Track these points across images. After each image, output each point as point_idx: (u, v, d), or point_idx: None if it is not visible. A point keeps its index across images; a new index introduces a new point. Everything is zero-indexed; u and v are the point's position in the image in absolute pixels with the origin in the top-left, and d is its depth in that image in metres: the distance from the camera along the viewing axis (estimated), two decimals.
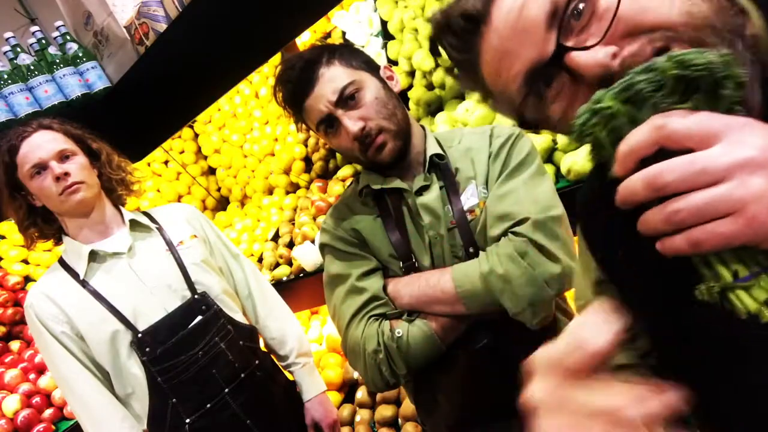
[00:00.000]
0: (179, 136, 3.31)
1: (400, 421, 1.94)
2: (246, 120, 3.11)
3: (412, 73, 2.15)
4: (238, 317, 1.66)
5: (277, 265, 2.34)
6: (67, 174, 1.44)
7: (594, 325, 0.43)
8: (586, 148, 0.49)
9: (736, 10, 0.50)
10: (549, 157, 1.60)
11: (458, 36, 0.61)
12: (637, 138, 0.41)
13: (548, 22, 0.52)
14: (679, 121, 0.40)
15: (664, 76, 0.43)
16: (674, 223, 0.40)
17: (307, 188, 2.71)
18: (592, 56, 0.50)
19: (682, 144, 0.40)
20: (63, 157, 1.47)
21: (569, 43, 0.52)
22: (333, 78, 1.09)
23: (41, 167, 1.44)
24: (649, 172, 0.40)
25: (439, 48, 0.65)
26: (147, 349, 1.46)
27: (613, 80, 0.46)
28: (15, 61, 2.17)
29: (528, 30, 0.54)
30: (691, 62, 0.42)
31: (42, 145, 1.45)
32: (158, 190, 3.25)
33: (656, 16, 0.49)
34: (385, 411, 1.98)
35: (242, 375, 1.58)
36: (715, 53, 0.42)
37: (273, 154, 3.02)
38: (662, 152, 0.41)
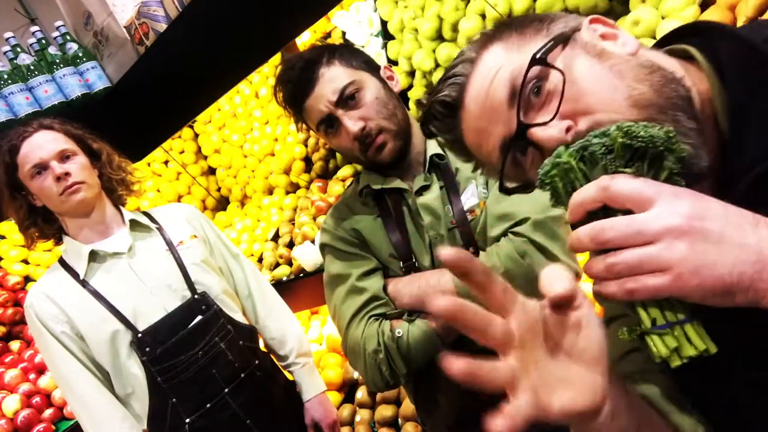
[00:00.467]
0: (179, 136, 3.30)
1: (400, 421, 1.94)
2: (246, 120, 3.11)
3: (412, 73, 2.15)
4: (238, 317, 1.66)
5: (277, 265, 2.33)
6: (67, 174, 1.44)
7: None
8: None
9: (679, 81, 0.57)
10: None
11: (441, 120, 0.69)
12: (585, 194, 0.48)
13: (509, 101, 0.60)
14: (621, 185, 0.46)
15: (613, 143, 0.49)
16: (613, 273, 0.46)
17: (307, 188, 2.71)
18: (548, 132, 0.57)
19: (623, 205, 0.46)
20: (64, 157, 1.47)
21: (529, 120, 0.59)
22: (333, 78, 1.09)
23: (42, 167, 1.44)
24: (593, 228, 0.47)
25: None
26: (147, 349, 1.46)
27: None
28: (15, 61, 2.16)
29: (494, 110, 0.61)
30: (636, 134, 0.49)
31: (43, 145, 1.45)
32: (158, 190, 3.25)
33: (600, 100, 0.55)
34: (385, 411, 1.98)
35: (242, 375, 1.58)
36: (661, 129, 0.49)
37: (273, 154, 3.02)
38: (606, 208, 0.48)
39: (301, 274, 2.15)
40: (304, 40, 2.59)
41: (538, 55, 0.58)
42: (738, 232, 0.44)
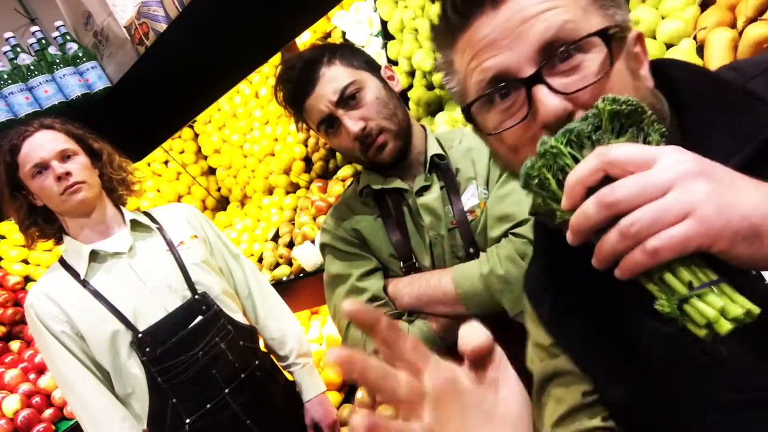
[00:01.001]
0: (179, 136, 3.30)
1: None
2: (246, 120, 3.11)
3: (412, 73, 2.15)
4: (238, 317, 1.66)
5: (277, 265, 2.33)
6: (68, 174, 1.44)
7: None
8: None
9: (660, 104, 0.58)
10: None
11: (463, 2, 0.60)
12: (582, 167, 0.45)
13: (542, 46, 0.55)
14: (621, 148, 0.44)
15: (601, 116, 0.48)
16: (630, 236, 0.41)
17: (307, 188, 2.71)
18: (553, 101, 0.54)
19: (626, 169, 0.43)
20: (64, 156, 1.47)
21: (546, 78, 0.55)
22: (334, 78, 1.09)
23: (43, 167, 1.44)
24: (599, 193, 0.43)
25: None
26: (147, 349, 1.46)
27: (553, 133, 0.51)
28: (15, 61, 2.16)
29: (525, 37, 0.55)
30: (623, 99, 0.48)
31: (43, 144, 1.45)
32: (158, 190, 3.25)
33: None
34: (385, 411, 1.98)
35: (242, 375, 1.58)
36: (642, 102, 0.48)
37: (273, 154, 3.02)
38: (607, 180, 0.44)
39: (301, 274, 2.15)
40: (304, 40, 2.59)
41: (610, 32, 0.54)
42: (744, 182, 0.42)
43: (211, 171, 3.40)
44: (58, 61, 2.21)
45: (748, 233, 0.40)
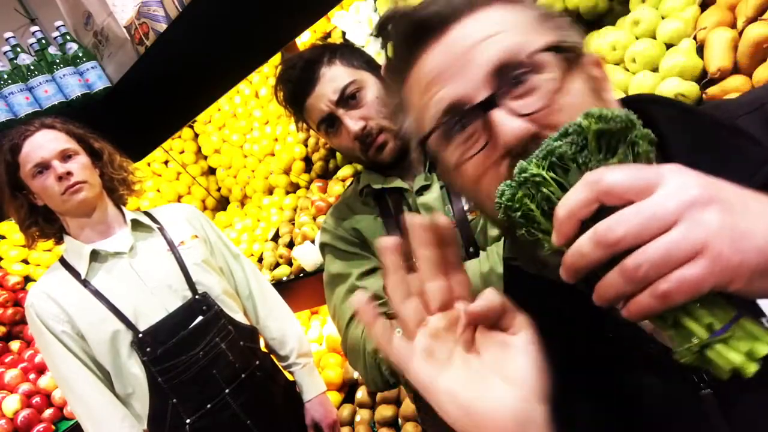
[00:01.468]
0: (179, 136, 3.30)
1: (400, 421, 1.94)
2: (246, 120, 3.11)
3: None
4: (239, 317, 1.66)
5: (277, 265, 2.33)
6: (69, 173, 1.44)
7: None
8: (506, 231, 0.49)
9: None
10: None
11: (408, 35, 0.58)
12: (574, 199, 0.39)
13: (494, 69, 0.52)
14: (615, 174, 0.38)
15: (585, 135, 0.42)
16: (637, 280, 0.37)
17: (307, 188, 2.71)
18: (513, 123, 0.50)
19: (623, 197, 0.38)
20: (65, 156, 1.47)
21: (502, 101, 0.51)
22: (334, 77, 1.09)
23: (43, 166, 1.44)
24: (597, 229, 0.38)
25: (380, 37, 0.64)
26: (147, 349, 1.46)
27: (521, 156, 0.46)
28: (15, 61, 2.17)
29: (474, 64, 0.53)
30: (611, 116, 0.42)
31: (44, 144, 1.45)
32: (158, 190, 3.25)
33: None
34: (385, 411, 1.98)
35: (242, 375, 1.58)
36: (626, 112, 0.43)
37: (273, 154, 3.02)
38: (602, 211, 0.38)
39: (301, 274, 2.15)
40: (304, 40, 2.59)
41: (562, 46, 0.51)
42: (756, 203, 0.37)
43: (211, 171, 3.40)
44: (58, 61, 2.22)
45: (767, 268, 0.35)
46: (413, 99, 0.59)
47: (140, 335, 1.46)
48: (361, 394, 2.11)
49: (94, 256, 1.51)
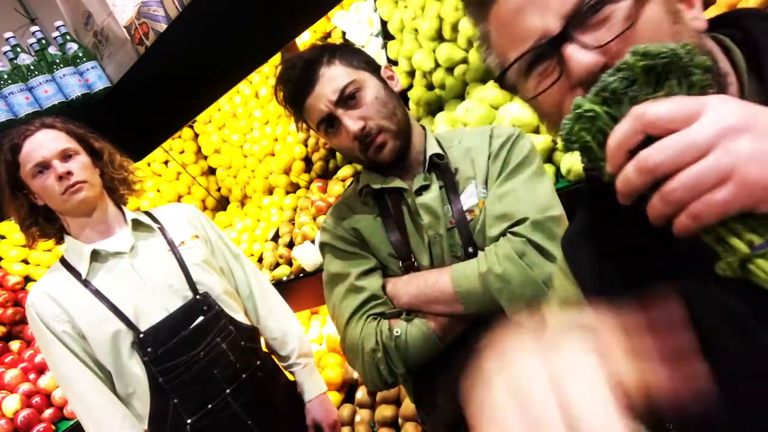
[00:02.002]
0: (179, 136, 3.31)
1: (400, 421, 1.94)
2: (246, 120, 3.11)
3: (412, 73, 2.15)
4: (240, 317, 1.66)
5: (277, 265, 2.34)
6: (69, 173, 1.44)
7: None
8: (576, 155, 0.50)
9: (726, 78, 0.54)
10: (549, 157, 1.60)
11: None
12: (621, 131, 0.43)
13: (568, 4, 0.53)
14: (659, 107, 0.41)
15: (632, 71, 0.45)
16: (673, 203, 0.40)
17: (307, 188, 2.71)
18: (582, 57, 0.52)
19: (666, 128, 0.41)
20: (65, 156, 1.47)
21: (574, 34, 0.53)
22: (334, 77, 1.09)
23: (44, 166, 1.44)
24: (639, 157, 0.41)
25: None
26: (148, 350, 1.46)
27: (588, 90, 0.48)
28: (15, 61, 2.17)
29: (547, 3, 0.54)
30: (656, 52, 0.44)
31: (45, 144, 1.45)
32: (158, 190, 3.25)
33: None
34: (385, 411, 1.98)
35: (243, 375, 1.58)
36: (677, 44, 0.45)
37: (273, 154, 3.02)
38: (649, 140, 0.42)
39: (301, 274, 2.15)
40: (304, 40, 2.59)
41: None
42: None
43: (211, 171, 3.41)
44: (58, 61, 2.22)
45: None
46: (494, 32, 0.60)
47: (141, 335, 1.46)
48: (361, 394, 2.11)
49: (95, 256, 1.51)
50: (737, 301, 0.47)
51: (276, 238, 2.56)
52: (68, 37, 2.28)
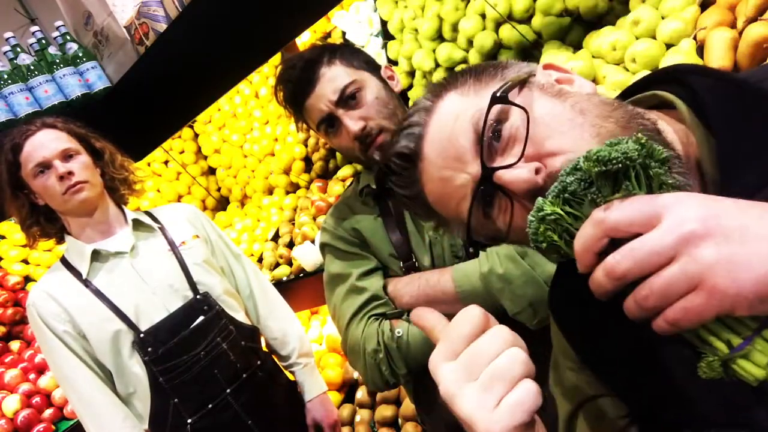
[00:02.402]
0: (179, 136, 3.30)
1: (400, 421, 1.94)
2: (246, 120, 3.11)
3: (412, 73, 2.15)
4: (240, 317, 1.66)
5: (277, 265, 2.34)
6: (70, 173, 1.44)
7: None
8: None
9: (643, 116, 0.55)
10: None
11: (399, 174, 0.66)
12: (584, 236, 0.44)
13: (474, 147, 0.57)
14: (617, 212, 0.42)
15: (588, 174, 0.45)
16: (648, 309, 0.41)
17: (307, 188, 2.71)
18: (516, 174, 0.54)
19: (628, 232, 0.41)
20: (67, 156, 1.47)
21: (494, 164, 0.56)
22: (334, 77, 1.09)
23: (45, 166, 1.44)
24: (606, 265, 0.42)
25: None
26: (149, 349, 1.46)
27: (543, 189, 0.50)
28: (15, 61, 2.16)
29: (458, 157, 0.58)
30: (607, 157, 0.44)
31: (46, 144, 1.45)
32: (158, 190, 3.25)
33: (567, 139, 0.53)
34: (385, 411, 1.98)
35: (244, 375, 1.58)
36: (629, 140, 0.45)
37: (273, 154, 3.02)
38: (614, 242, 0.42)
39: (301, 274, 2.15)
40: (304, 40, 2.59)
41: (498, 93, 0.56)
42: (759, 222, 0.38)
43: (211, 171, 3.41)
44: (58, 61, 2.21)
45: (767, 294, 0.37)
46: (445, 211, 0.64)
47: (141, 335, 1.46)
48: (361, 394, 2.11)
49: (96, 255, 1.51)
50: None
51: (276, 238, 2.56)
52: (68, 37, 2.27)
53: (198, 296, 1.55)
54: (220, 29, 1.80)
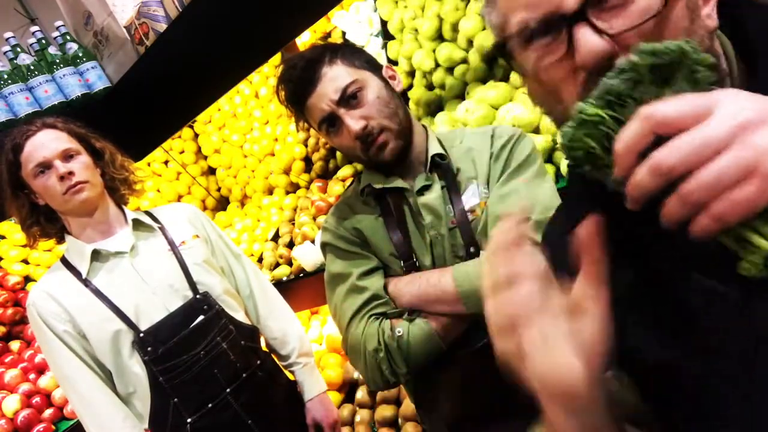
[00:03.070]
0: (179, 136, 3.30)
1: (400, 421, 1.94)
2: (246, 120, 3.11)
3: (412, 73, 2.15)
4: (240, 317, 1.66)
5: (277, 265, 2.34)
6: (71, 173, 1.44)
7: None
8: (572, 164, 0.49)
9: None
10: (549, 157, 1.60)
11: None
12: (630, 133, 0.41)
13: None
14: (668, 106, 0.39)
15: (638, 71, 0.43)
16: (693, 204, 0.38)
17: (307, 188, 2.71)
18: (594, 43, 0.49)
19: (677, 127, 0.39)
20: (67, 156, 1.47)
21: (590, 17, 0.49)
22: (335, 77, 1.09)
23: (45, 166, 1.44)
24: (651, 159, 0.39)
25: None
26: (149, 349, 1.46)
27: (590, 77, 0.48)
28: (15, 61, 2.17)
29: None
30: (664, 50, 0.43)
31: (46, 144, 1.45)
32: (158, 190, 3.25)
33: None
34: (385, 411, 1.98)
35: (243, 375, 1.58)
36: (681, 41, 0.43)
37: (273, 154, 3.02)
38: (659, 141, 0.40)
39: (301, 274, 2.15)
40: (304, 40, 2.59)
41: None
42: None
43: (211, 171, 3.41)
44: (58, 61, 2.22)
45: None
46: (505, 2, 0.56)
47: (141, 335, 1.46)
48: (361, 394, 2.11)
49: (96, 255, 1.51)
50: (725, 286, 0.47)
51: (276, 238, 2.56)
52: (68, 37, 2.27)
53: (198, 296, 1.55)
54: (220, 29, 1.80)
